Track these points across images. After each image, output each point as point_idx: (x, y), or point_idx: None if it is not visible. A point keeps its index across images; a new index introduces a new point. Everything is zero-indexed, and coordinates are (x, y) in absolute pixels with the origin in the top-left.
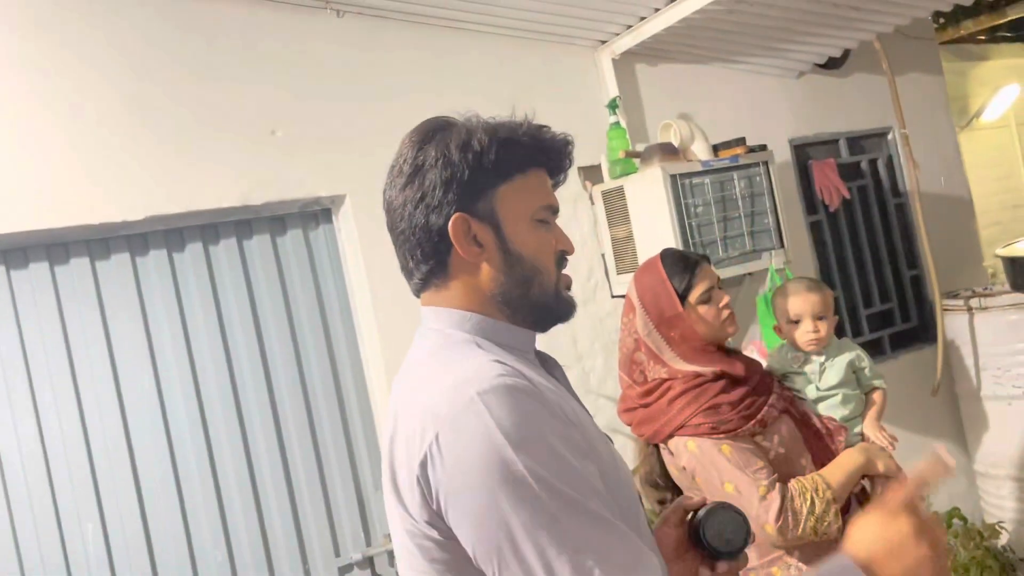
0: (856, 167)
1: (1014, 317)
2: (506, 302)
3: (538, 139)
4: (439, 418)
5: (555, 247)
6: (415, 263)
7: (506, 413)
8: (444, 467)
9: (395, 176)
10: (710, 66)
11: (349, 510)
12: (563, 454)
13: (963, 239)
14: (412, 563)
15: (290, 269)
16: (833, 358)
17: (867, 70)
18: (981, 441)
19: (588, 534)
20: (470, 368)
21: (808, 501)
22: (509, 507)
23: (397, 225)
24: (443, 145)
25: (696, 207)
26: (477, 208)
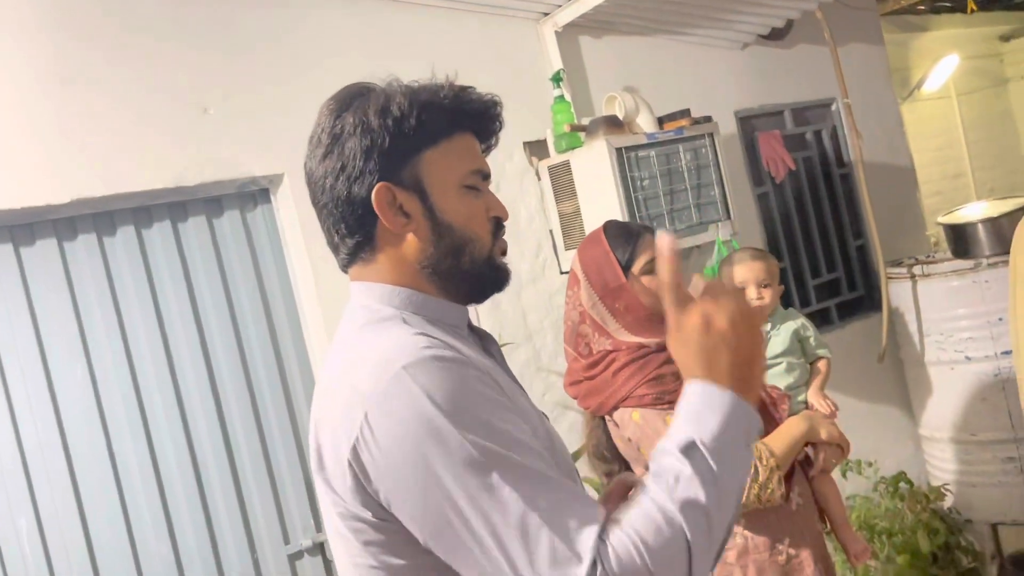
0: (801, 138)
1: (955, 283)
2: (436, 274)
3: (462, 101)
4: (366, 397)
5: (488, 213)
6: (340, 237)
7: (435, 383)
8: (378, 447)
9: (314, 147)
10: (654, 37)
11: (297, 496)
12: (496, 418)
13: (906, 208)
14: (347, 547)
15: (228, 252)
16: (778, 327)
17: (810, 41)
18: (926, 406)
19: (533, 491)
20: (393, 344)
21: (752, 469)
22: (450, 477)
23: (319, 199)
24: (361, 112)
25: (642, 180)
26: (401, 176)
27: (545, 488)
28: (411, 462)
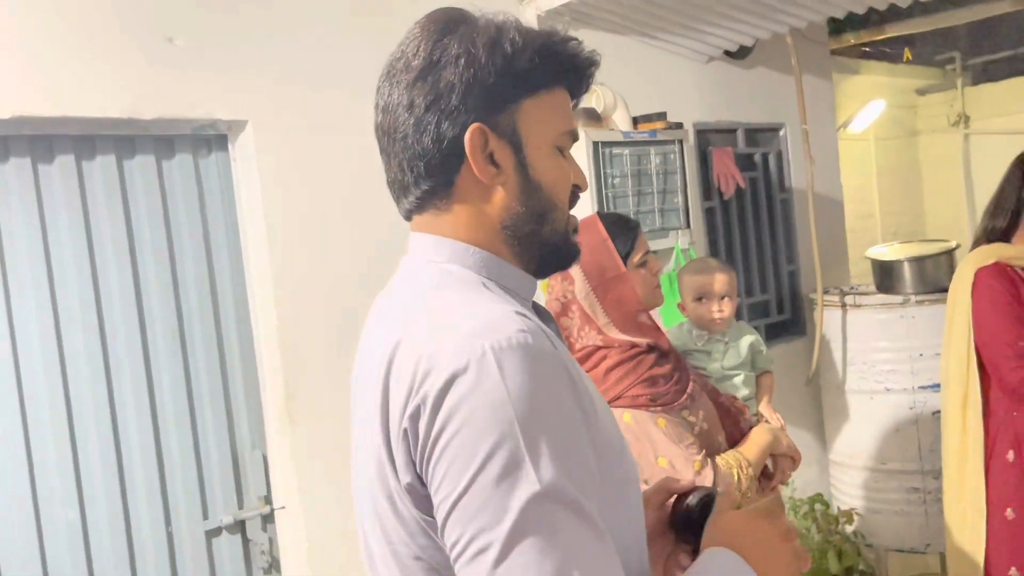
0: (750, 158)
1: (883, 316)
2: (516, 237)
3: (572, 53)
4: (439, 368)
5: (571, 179)
6: (415, 177)
7: (521, 378)
8: (436, 423)
9: (399, 71)
10: (628, 38)
11: (222, 469)
12: (574, 436)
13: (833, 240)
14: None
15: (175, 199)
16: (736, 339)
17: (768, 65)
18: (839, 432)
19: (578, 540)
20: (483, 316)
21: (736, 478)
22: (500, 492)
23: (397, 129)
24: (468, 40)
25: (614, 178)
26: (498, 122)
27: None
28: (468, 455)
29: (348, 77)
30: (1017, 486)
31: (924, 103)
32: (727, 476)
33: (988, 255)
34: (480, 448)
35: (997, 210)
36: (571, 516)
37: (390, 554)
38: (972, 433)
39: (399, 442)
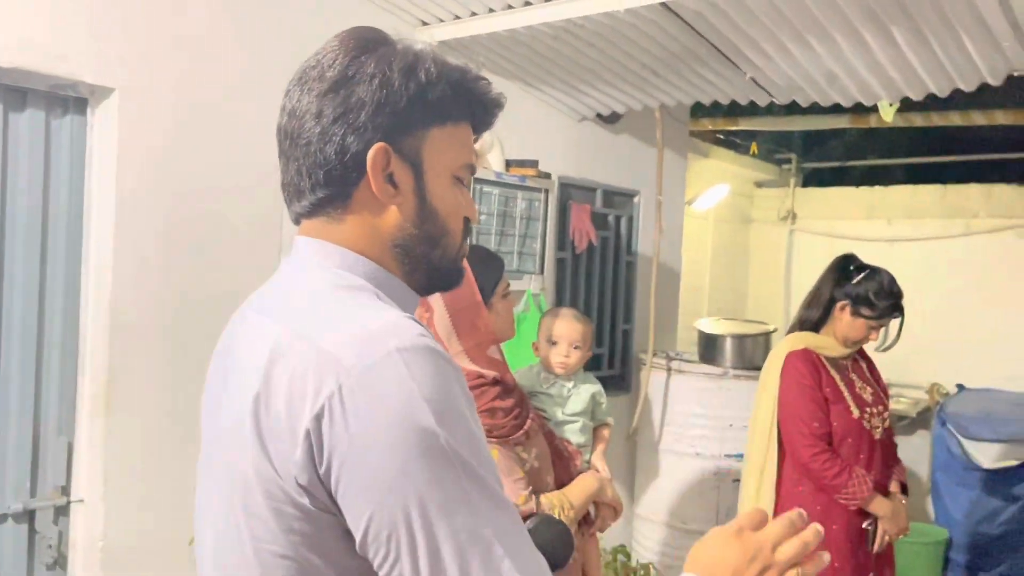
0: (604, 218)
1: (703, 385)
2: (407, 256)
3: (481, 92)
4: (346, 368)
5: (464, 212)
6: (311, 184)
7: (429, 377)
8: (347, 427)
9: (313, 79)
10: (512, 83)
11: (19, 454)
12: (476, 431)
13: (668, 307)
14: (256, 530)
15: (16, 156)
16: (579, 386)
17: (633, 134)
18: (648, 488)
19: (499, 522)
20: (386, 320)
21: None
22: (423, 482)
23: (300, 135)
24: (385, 62)
25: (481, 214)
26: (403, 145)
27: (511, 521)
28: (384, 456)
29: (231, 65)
30: None
31: (760, 195)
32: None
33: (799, 341)
34: (397, 453)
35: (812, 303)
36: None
37: (252, 552)
38: (764, 500)
39: (299, 441)
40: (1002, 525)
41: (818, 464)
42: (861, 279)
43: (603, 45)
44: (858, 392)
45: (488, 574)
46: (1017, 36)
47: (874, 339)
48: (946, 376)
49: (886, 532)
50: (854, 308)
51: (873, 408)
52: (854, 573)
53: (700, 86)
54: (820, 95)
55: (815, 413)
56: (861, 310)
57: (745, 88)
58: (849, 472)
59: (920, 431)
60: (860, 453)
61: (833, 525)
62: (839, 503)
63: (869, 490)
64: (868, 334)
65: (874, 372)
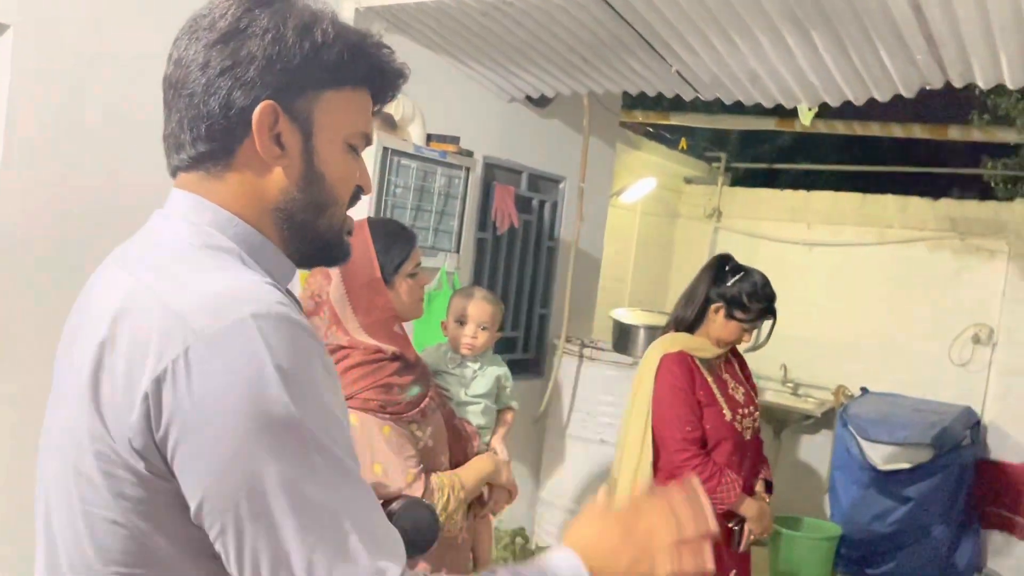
0: (528, 202)
1: (612, 373)
2: (287, 222)
3: (382, 58)
4: (194, 331)
5: (356, 180)
6: (192, 137)
7: (283, 346)
8: (190, 391)
9: (202, 28)
10: (440, 57)
11: None
12: (332, 406)
13: (587, 294)
14: (83, 492)
15: None
16: (486, 368)
17: (563, 119)
18: (553, 472)
19: (348, 497)
20: (243, 284)
21: (445, 497)
22: (268, 454)
23: (186, 85)
24: (279, 17)
25: (397, 187)
26: (293, 105)
27: (363, 498)
28: (228, 424)
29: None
30: None
31: (688, 191)
32: (435, 493)
33: (675, 343)
34: (241, 422)
35: (688, 303)
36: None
37: (80, 515)
38: None
39: (136, 403)
40: (892, 524)
41: (689, 468)
42: (735, 281)
43: (532, 26)
44: (731, 393)
45: (333, 550)
46: (931, 50)
47: (747, 340)
48: (852, 378)
49: (751, 532)
50: (728, 310)
51: (745, 409)
52: (719, 570)
53: (627, 76)
54: (743, 93)
55: (688, 417)
56: (734, 312)
57: (671, 81)
58: (720, 477)
59: (824, 430)
60: (732, 455)
61: None
62: None
63: (737, 495)
64: (741, 335)
65: (745, 370)
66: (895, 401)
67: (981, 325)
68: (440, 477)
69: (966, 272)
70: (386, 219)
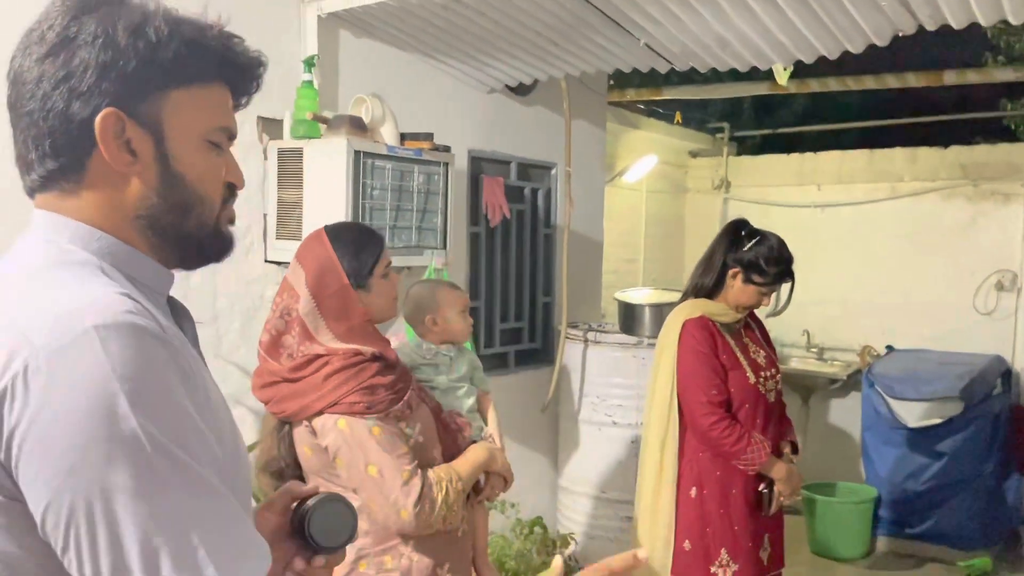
0: (520, 191)
1: (618, 355)
2: (152, 228)
3: (229, 49)
4: (34, 346)
5: (224, 177)
6: (39, 156)
7: (126, 356)
8: (28, 407)
9: (33, 42)
10: (411, 55)
11: None
12: (185, 414)
13: (590, 278)
14: None
15: None
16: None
17: (547, 105)
18: (570, 459)
19: (200, 509)
20: (89, 295)
21: (444, 491)
22: (108, 468)
23: (23, 103)
24: (108, 22)
25: (373, 189)
26: (139, 110)
27: (216, 510)
28: (65, 437)
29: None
30: (695, 520)
31: (694, 164)
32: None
33: (695, 309)
34: (80, 434)
35: (706, 270)
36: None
37: None
38: (667, 470)
39: None
40: (928, 481)
41: (717, 432)
42: (752, 245)
43: (494, 14)
44: (752, 357)
45: (179, 564)
46: None
47: (766, 304)
48: (877, 338)
49: (781, 494)
50: (745, 274)
51: (767, 372)
52: (752, 537)
53: (599, 55)
54: (715, 60)
55: (712, 381)
56: (752, 276)
57: (642, 56)
58: (748, 438)
59: (853, 393)
60: (757, 418)
61: (732, 490)
62: (738, 468)
63: (767, 455)
64: (760, 299)
65: (765, 335)
66: (921, 356)
67: (1003, 271)
68: (437, 472)
69: (982, 219)
70: (348, 223)
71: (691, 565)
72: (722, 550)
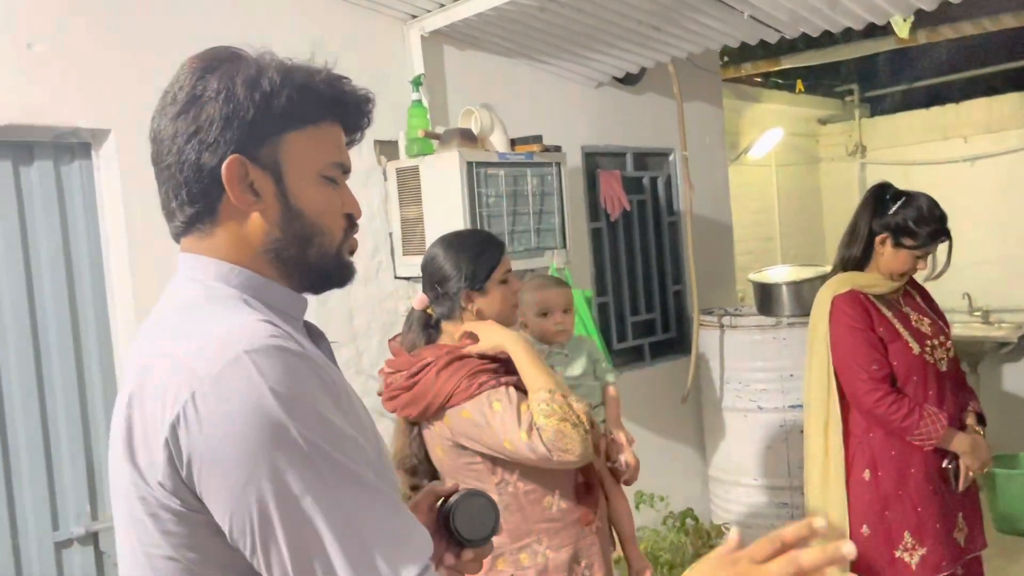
0: (639, 182)
1: (757, 337)
2: (279, 259)
3: (337, 90)
4: (197, 376)
5: (342, 208)
6: (179, 204)
7: (277, 374)
8: (201, 430)
9: (168, 103)
10: (515, 60)
11: (75, 479)
12: (335, 421)
13: (721, 262)
14: (140, 535)
15: (33, 206)
16: (576, 350)
17: (658, 91)
18: (717, 448)
19: (362, 504)
20: (237, 325)
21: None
22: (275, 474)
23: (163, 159)
24: (228, 78)
25: (489, 197)
26: (259, 154)
27: (376, 501)
28: (236, 451)
29: None
30: (871, 504)
31: (825, 132)
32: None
33: (843, 283)
34: (248, 448)
35: (851, 240)
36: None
37: (143, 556)
38: (833, 454)
39: (159, 450)
40: None
41: (883, 408)
42: (898, 208)
43: (592, 8)
44: (915, 326)
45: (350, 554)
46: None
47: (923, 268)
48: None
49: (968, 468)
50: (895, 239)
51: (934, 340)
52: (940, 517)
53: (703, 33)
54: (827, 21)
55: (871, 355)
56: (903, 240)
57: (748, 28)
58: (920, 411)
59: None
60: (928, 390)
61: (911, 469)
62: (914, 445)
63: (944, 427)
64: (915, 264)
65: (930, 302)
66: None
67: None
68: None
69: None
70: (474, 231)
71: (872, 550)
72: (905, 533)
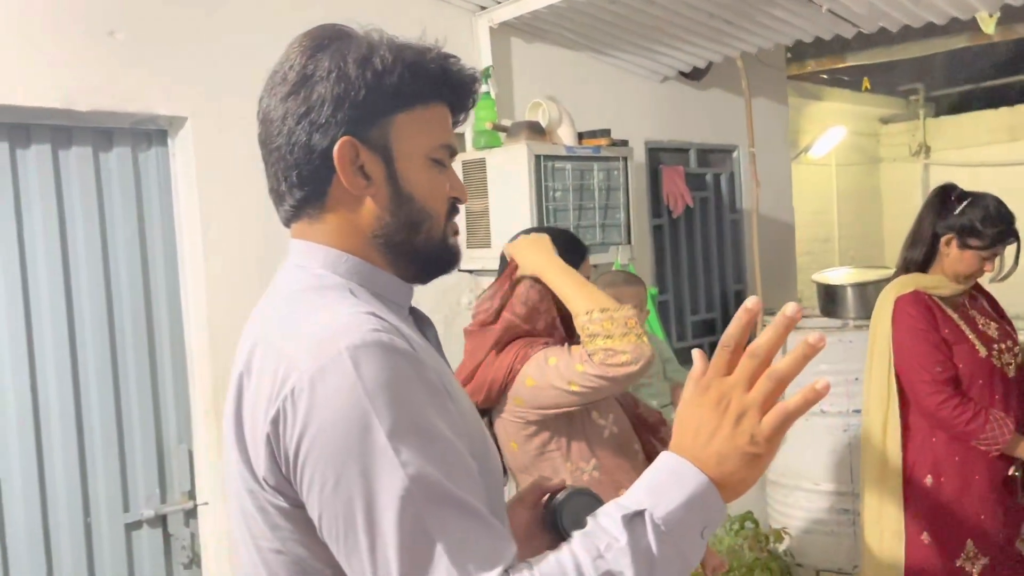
0: (702, 178)
1: None
2: (388, 246)
3: (447, 70)
4: (298, 371)
5: (448, 192)
6: (288, 187)
7: (376, 374)
8: (297, 427)
9: (277, 83)
10: (582, 53)
11: (146, 463)
12: (433, 426)
13: (783, 262)
14: (251, 526)
15: (111, 191)
16: None
17: (723, 87)
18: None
19: (446, 517)
20: (341, 318)
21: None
22: (364, 479)
23: (272, 140)
24: (339, 56)
25: (555, 191)
26: (369, 135)
27: (461, 514)
28: (329, 450)
29: None
30: (933, 509)
31: (887, 132)
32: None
33: (907, 284)
34: (340, 449)
35: (915, 241)
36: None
37: (254, 549)
38: (891, 457)
39: (261, 444)
40: None
41: (947, 411)
42: (964, 208)
43: (663, 1)
44: (981, 329)
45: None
46: None
47: (989, 270)
48: None
49: None
50: (961, 240)
51: (1001, 344)
52: (1005, 526)
53: (776, 28)
54: (908, 16)
55: (935, 357)
56: (969, 241)
57: (825, 22)
58: (985, 415)
59: None
60: (994, 394)
61: (975, 475)
62: (978, 451)
63: (1011, 432)
64: (981, 266)
65: (996, 307)
66: None
67: None
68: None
69: None
70: (559, 229)
71: (931, 558)
72: (968, 542)
